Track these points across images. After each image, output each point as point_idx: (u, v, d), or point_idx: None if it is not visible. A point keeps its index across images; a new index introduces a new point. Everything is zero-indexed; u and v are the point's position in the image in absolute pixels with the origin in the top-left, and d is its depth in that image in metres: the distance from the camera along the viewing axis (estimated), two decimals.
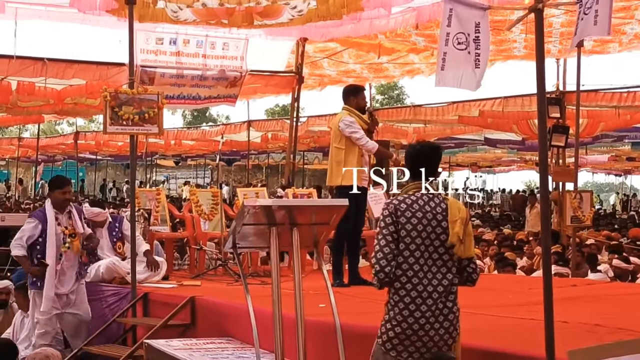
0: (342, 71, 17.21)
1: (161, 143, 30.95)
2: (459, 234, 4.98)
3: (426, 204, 5.04)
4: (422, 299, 4.94)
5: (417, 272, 4.96)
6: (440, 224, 5.01)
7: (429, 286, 4.95)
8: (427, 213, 5.01)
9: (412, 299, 4.94)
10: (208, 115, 65.43)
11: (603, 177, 55.64)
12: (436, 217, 5.01)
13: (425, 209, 5.02)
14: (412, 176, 5.21)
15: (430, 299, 4.95)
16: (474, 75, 5.64)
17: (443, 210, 5.04)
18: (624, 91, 16.84)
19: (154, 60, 13.52)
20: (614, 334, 5.58)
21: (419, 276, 4.96)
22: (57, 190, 9.03)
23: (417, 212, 5.00)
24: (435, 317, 4.95)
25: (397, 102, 57.77)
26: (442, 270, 5.00)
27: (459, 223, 5.00)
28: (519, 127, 20.54)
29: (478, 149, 34.23)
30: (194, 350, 6.96)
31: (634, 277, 11.95)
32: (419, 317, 4.92)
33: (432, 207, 5.04)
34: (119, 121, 8.90)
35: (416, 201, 5.04)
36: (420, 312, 4.93)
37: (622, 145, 29.99)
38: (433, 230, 4.99)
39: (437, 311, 4.95)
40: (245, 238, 5.90)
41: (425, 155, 5.23)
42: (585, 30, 5.00)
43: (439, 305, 4.96)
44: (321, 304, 6.43)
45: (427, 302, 4.94)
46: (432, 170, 5.19)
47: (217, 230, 11.10)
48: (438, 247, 5.00)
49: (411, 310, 4.93)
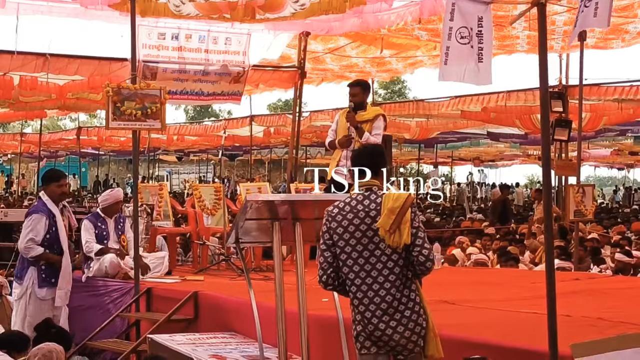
0: (344, 66, 17.20)
1: (164, 138, 30.94)
2: (384, 225, 4.85)
3: (359, 203, 5.01)
4: (369, 298, 4.88)
5: (358, 272, 4.92)
6: (374, 219, 4.92)
7: (374, 284, 4.88)
8: (358, 212, 4.96)
9: (359, 300, 4.91)
10: (210, 110, 65.42)
11: (605, 171, 55.57)
12: (369, 214, 4.94)
13: (357, 209, 4.98)
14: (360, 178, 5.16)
15: (378, 296, 4.87)
16: (476, 69, 5.64)
17: (377, 205, 4.95)
18: (627, 85, 16.84)
19: (156, 56, 13.50)
20: (616, 328, 5.59)
21: (360, 276, 4.91)
22: (53, 183, 8.92)
23: (347, 214, 4.98)
24: (389, 314, 4.85)
25: (400, 96, 57.76)
26: (388, 264, 4.89)
27: (387, 213, 4.86)
28: (521, 122, 20.52)
29: (481, 143, 34.21)
30: (197, 344, 6.98)
31: (635, 271, 11.94)
32: (370, 316, 4.86)
33: (365, 205, 4.98)
34: (122, 116, 8.88)
35: (349, 203, 5.03)
36: (370, 310, 4.87)
37: (625, 139, 29.97)
38: (368, 228, 4.92)
39: (389, 310, 4.85)
40: (248, 233, 5.92)
41: (364, 156, 5.23)
42: (585, 21, 5.01)
43: (391, 303, 4.85)
44: (324, 298, 6.44)
45: (375, 300, 4.87)
46: (373, 169, 5.10)
47: (220, 225, 11.11)
48: (378, 244, 4.91)
49: (360, 310, 4.90)
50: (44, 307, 8.68)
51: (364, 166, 5.12)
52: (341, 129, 9.02)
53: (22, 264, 8.91)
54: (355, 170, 5.16)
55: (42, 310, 8.63)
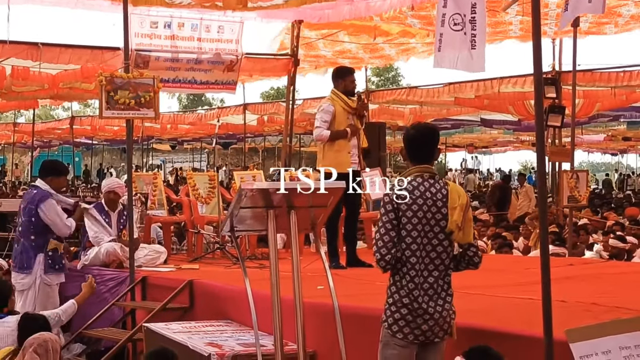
0: (337, 51, 17.16)
1: (157, 127, 30.90)
2: (457, 221, 5.00)
3: (427, 190, 5.05)
4: (422, 283, 4.98)
5: (418, 257, 4.99)
6: (440, 210, 5.02)
7: (425, 271, 5.00)
8: (427, 199, 5.02)
9: (415, 284, 4.97)
10: (204, 99, 65.35)
11: (599, 156, 55.69)
12: (436, 204, 5.02)
13: (426, 195, 5.02)
14: (411, 160, 5.20)
15: (427, 283, 4.99)
16: (470, 56, 5.65)
17: (444, 197, 5.04)
18: (620, 71, 16.84)
19: (148, 44, 13.45)
20: (611, 313, 5.61)
21: (419, 261, 5.00)
22: (53, 177, 9.09)
23: (417, 199, 5.00)
24: (434, 300, 5.00)
25: (393, 83, 57.73)
26: (442, 255, 5.05)
27: (458, 210, 5.01)
28: (515, 108, 20.55)
29: (474, 130, 34.25)
30: (193, 333, 6.98)
31: (629, 256, 11.99)
32: (422, 301, 4.96)
33: (432, 193, 5.04)
34: (115, 106, 8.86)
35: (417, 187, 5.04)
36: (421, 294, 4.97)
37: (618, 125, 30.03)
38: (433, 217, 5.01)
39: (435, 295, 5.01)
40: (242, 221, 5.91)
41: (422, 139, 5.22)
42: (579, 7, 5.00)
43: (437, 288, 5.02)
44: (319, 286, 6.45)
45: (425, 286, 4.99)
46: (430, 154, 5.21)
47: (215, 213, 11.11)
48: (438, 233, 5.03)
49: (414, 294, 4.97)
50: (52, 293, 8.92)
51: (424, 150, 5.18)
52: (341, 117, 9.00)
53: (27, 253, 9.01)
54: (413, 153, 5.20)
55: (49, 296, 8.88)
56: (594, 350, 4.50)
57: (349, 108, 9.01)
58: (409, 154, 5.23)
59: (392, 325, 5.02)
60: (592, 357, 4.48)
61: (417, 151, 5.19)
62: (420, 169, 5.13)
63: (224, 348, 6.35)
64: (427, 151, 5.19)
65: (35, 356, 5.51)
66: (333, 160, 8.95)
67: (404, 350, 5.02)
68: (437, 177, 5.15)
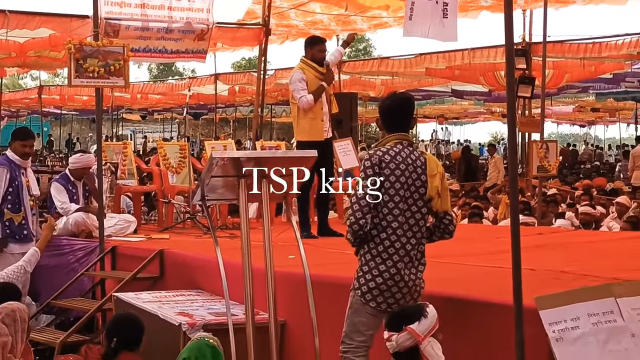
0: (309, 22, 17.08)
1: (127, 97, 30.64)
2: (438, 187, 5.08)
3: (408, 156, 5.08)
4: (400, 248, 5.02)
5: (401, 222, 5.02)
6: (420, 177, 5.07)
7: (404, 237, 5.03)
8: (409, 165, 5.05)
9: (395, 249, 5.00)
10: (174, 69, 64.92)
11: (568, 127, 55.94)
12: (416, 170, 5.07)
13: (407, 162, 5.06)
14: (388, 129, 5.22)
15: (405, 249, 5.03)
16: (441, 25, 5.64)
17: (422, 164, 5.10)
18: (589, 42, 16.89)
19: (118, 13, 13.27)
20: (579, 280, 5.67)
21: (401, 226, 5.02)
22: (17, 141, 9.00)
23: (400, 164, 5.03)
24: (409, 269, 5.04)
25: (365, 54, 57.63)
26: (420, 223, 5.11)
27: (438, 177, 5.10)
28: (485, 79, 20.59)
29: (445, 101, 34.29)
30: (164, 302, 6.98)
31: (597, 225, 12.12)
32: (400, 267, 5.00)
33: (413, 160, 5.08)
34: (84, 74, 8.77)
35: (399, 153, 5.07)
36: (401, 259, 5.00)
37: (587, 96, 30.19)
38: (413, 183, 5.06)
39: (410, 263, 5.05)
40: (213, 190, 5.90)
41: (398, 108, 5.24)
42: None
43: (412, 257, 5.06)
44: (291, 255, 6.46)
45: (401, 253, 5.02)
46: (407, 122, 5.24)
47: (186, 183, 11.07)
48: (417, 200, 5.07)
49: (394, 258, 5.00)
50: (15, 262, 8.67)
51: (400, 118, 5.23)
52: (312, 84, 9.02)
53: None
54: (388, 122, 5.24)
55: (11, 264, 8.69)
56: (562, 317, 4.56)
57: (319, 75, 9.05)
58: (385, 123, 5.26)
59: (365, 293, 5.04)
60: (561, 323, 4.54)
61: (393, 120, 5.22)
62: (398, 136, 5.16)
63: (195, 317, 6.36)
64: (404, 120, 5.24)
65: (3, 326, 5.46)
66: (308, 128, 9.00)
67: (374, 318, 5.05)
68: (414, 145, 5.20)
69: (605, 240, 9.29)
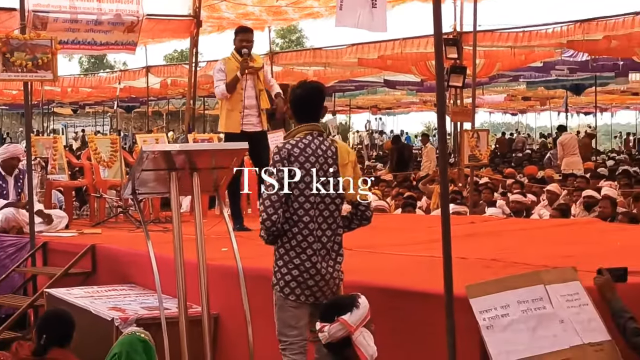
0: (240, 14, 16.99)
1: (57, 90, 30.21)
2: (350, 177, 5.06)
3: (318, 147, 5.06)
4: (314, 242, 4.99)
5: (313, 216, 5.00)
6: (330, 167, 5.05)
7: (318, 230, 5.01)
8: (319, 157, 5.04)
9: (308, 242, 4.98)
10: (105, 62, 64.12)
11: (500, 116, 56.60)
12: (327, 161, 5.05)
13: (317, 153, 5.04)
14: (298, 119, 5.19)
15: (320, 242, 5.01)
16: (371, 15, 5.66)
17: (333, 154, 5.08)
18: (519, 31, 17.07)
19: (46, 5, 13.08)
20: (510, 268, 5.74)
21: (312, 220, 5.00)
22: None
23: (310, 157, 5.02)
24: (326, 261, 5.03)
25: (297, 45, 57.56)
26: (335, 214, 5.09)
27: (349, 167, 5.08)
28: (417, 69, 20.71)
29: (378, 91, 34.42)
30: (96, 297, 6.92)
31: (528, 213, 12.29)
32: (315, 260, 4.98)
33: (323, 151, 5.06)
34: (12, 68, 8.65)
35: (308, 145, 5.05)
36: (315, 253, 4.98)
37: (518, 85, 30.56)
38: (325, 174, 5.03)
39: (326, 255, 5.03)
40: (145, 184, 5.85)
41: (309, 98, 5.21)
42: None
43: (329, 248, 5.04)
44: (223, 248, 6.44)
45: (317, 245, 5.00)
46: (317, 112, 5.22)
47: (117, 177, 10.97)
48: (329, 191, 5.05)
49: (307, 252, 4.98)
50: None
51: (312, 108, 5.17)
52: (232, 75, 8.95)
53: None
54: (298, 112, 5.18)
55: None
56: (493, 304, 4.62)
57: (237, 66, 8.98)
58: (295, 113, 5.22)
59: (284, 287, 5.03)
60: (492, 311, 4.60)
61: (304, 110, 5.18)
62: (309, 127, 5.13)
63: (128, 312, 6.32)
64: (314, 110, 5.20)
65: None
66: (224, 120, 9.01)
67: (298, 310, 5.05)
68: (325, 135, 5.17)
69: (536, 228, 9.42)
